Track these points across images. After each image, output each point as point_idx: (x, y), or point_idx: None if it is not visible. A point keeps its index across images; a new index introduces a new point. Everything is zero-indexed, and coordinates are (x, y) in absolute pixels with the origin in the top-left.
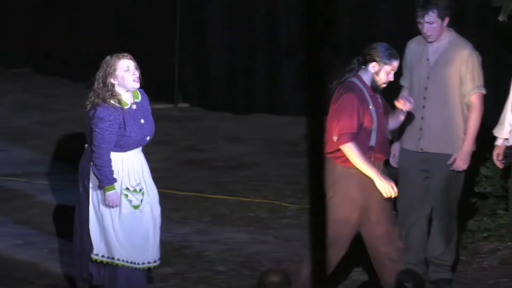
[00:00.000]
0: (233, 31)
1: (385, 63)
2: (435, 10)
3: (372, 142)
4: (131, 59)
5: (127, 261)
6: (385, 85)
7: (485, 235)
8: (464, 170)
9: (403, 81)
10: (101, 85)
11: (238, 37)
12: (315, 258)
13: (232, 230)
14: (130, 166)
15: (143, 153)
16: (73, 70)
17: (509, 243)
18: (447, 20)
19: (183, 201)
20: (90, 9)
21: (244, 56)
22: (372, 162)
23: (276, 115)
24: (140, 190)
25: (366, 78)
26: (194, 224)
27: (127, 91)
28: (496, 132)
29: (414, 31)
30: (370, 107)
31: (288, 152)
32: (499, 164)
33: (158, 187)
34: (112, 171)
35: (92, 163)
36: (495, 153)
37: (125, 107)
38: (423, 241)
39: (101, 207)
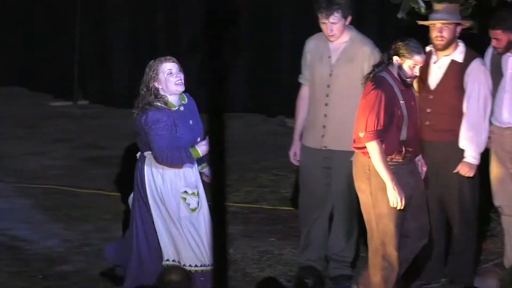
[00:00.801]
0: (134, 27)
1: (407, 57)
2: (340, 11)
3: (403, 136)
4: (174, 62)
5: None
6: (410, 80)
7: None
8: None
9: (302, 79)
10: (145, 89)
11: (139, 33)
12: (216, 257)
13: None
14: (185, 169)
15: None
16: None
17: None
18: (349, 18)
19: (84, 199)
20: None
21: (145, 52)
22: (392, 165)
23: None
24: (197, 193)
25: (396, 72)
26: (94, 222)
27: (171, 94)
28: None
29: (315, 28)
30: (401, 102)
31: None
32: None
33: (58, 185)
34: (182, 153)
35: (158, 169)
36: None
37: (173, 109)
38: (324, 238)
39: (164, 214)
